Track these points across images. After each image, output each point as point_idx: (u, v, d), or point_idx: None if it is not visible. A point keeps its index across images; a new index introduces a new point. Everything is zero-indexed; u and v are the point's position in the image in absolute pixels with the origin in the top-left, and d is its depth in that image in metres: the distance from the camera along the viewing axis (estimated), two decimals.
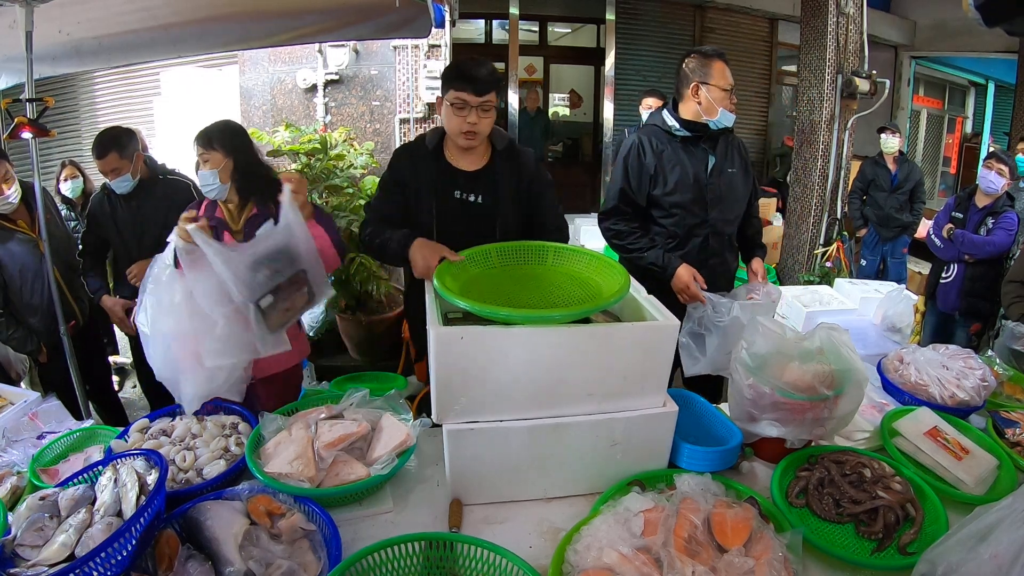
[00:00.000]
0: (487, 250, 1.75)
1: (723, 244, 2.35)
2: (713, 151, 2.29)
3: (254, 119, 4.98)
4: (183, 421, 1.69)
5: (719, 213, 2.30)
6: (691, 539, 1.13)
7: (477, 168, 2.02)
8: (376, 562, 1.15)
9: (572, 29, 8.34)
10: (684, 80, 2.25)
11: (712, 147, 2.30)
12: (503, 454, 1.39)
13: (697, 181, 2.26)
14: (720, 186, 2.29)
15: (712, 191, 2.28)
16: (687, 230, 2.29)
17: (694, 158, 2.27)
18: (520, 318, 1.34)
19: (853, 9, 5.15)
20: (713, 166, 2.28)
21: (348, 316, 4.21)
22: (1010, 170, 3.46)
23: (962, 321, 3.63)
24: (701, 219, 2.28)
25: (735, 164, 2.33)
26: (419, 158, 2.00)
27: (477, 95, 1.83)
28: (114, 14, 2.89)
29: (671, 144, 2.28)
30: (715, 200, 2.29)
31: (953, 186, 9.91)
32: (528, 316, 1.35)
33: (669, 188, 2.25)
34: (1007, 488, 1.46)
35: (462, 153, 1.99)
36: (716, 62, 2.22)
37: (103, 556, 1.06)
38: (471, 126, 1.86)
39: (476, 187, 2.00)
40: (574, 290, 1.63)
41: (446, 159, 2.01)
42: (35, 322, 2.67)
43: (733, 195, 2.33)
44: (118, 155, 2.63)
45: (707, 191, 2.27)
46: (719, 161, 2.30)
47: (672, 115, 2.28)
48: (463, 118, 1.86)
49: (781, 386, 1.45)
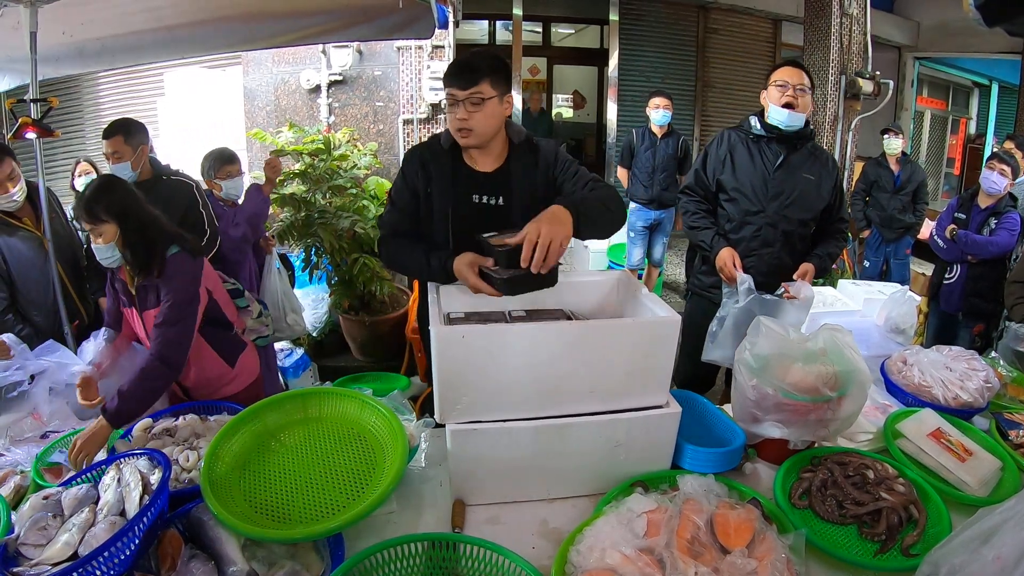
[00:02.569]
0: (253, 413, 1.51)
1: (778, 238, 2.42)
2: (786, 152, 2.41)
3: (258, 119, 4.99)
4: (186, 421, 1.69)
5: (778, 206, 2.40)
6: (694, 540, 1.13)
7: (496, 168, 1.85)
8: (379, 562, 1.15)
9: (575, 30, 8.36)
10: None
11: (787, 149, 2.41)
12: (506, 454, 1.39)
13: (761, 173, 2.42)
14: (784, 183, 2.40)
15: (774, 185, 2.40)
16: (743, 215, 2.45)
17: (764, 154, 2.43)
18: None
19: (857, 10, 5.15)
20: (781, 162, 2.40)
21: (351, 316, 4.21)
22: (1012, 170, 3.45)
23: (965, 322, 3.62)
24: (758, 208, 2.42)
25: (814, 172, 2.42)
26: (432, 159, 1.84)
27: (462, 89, 1.69)
28: (118, 15, 2.90)
29: (747, 141, 2.47)
30: (775, 194, 2.39)
31: (957, 187, 9.88)
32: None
33: (734, 175, 2.46)
34: (1010, 490, 1.46)
35: (478, 153, 1.83)
36: (780, 67, 2.43)
37: (106, 555, 1.06)
38: (461, 122, 1.72)
39: (495, 189, 1.84)
40: (352, 456, 1.43)
41: (463, 160, 1.85)
42: (39, 320, 2.68)
43: (800, 196, 2.41)
44: (122, 139, 2.64)
45: (769, 184, 2.40)
46: (791, 162, 2.41)
47: (757, 119, 2.46)
48: (454, 115, 1.73)
49: (784, 387, 1.45)
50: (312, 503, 1.29)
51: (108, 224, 1.86)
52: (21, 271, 2.60)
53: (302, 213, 3.87)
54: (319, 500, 1.29)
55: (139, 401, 1.79)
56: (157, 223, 1.96)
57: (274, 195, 3.90)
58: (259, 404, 1.50)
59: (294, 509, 1.28)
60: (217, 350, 2.13)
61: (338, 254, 3.88)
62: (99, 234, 1.86)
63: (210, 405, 1.86)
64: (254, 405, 1.50)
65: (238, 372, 2.20)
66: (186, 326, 1.92)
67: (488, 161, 1.85)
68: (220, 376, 2.15)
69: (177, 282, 1.92)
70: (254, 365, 2.32)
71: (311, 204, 3.91)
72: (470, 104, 1.70)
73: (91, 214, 1.84)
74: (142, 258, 1.91)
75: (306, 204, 3.89)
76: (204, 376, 2.11)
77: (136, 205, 1.93)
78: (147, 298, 1.95)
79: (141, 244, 1.90)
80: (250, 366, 2.28)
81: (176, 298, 1.90)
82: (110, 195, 1.89)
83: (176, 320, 1.89)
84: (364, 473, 1.36)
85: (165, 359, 1.85)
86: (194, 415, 1.75)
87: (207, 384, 2.13)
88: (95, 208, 1.85)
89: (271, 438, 1.47)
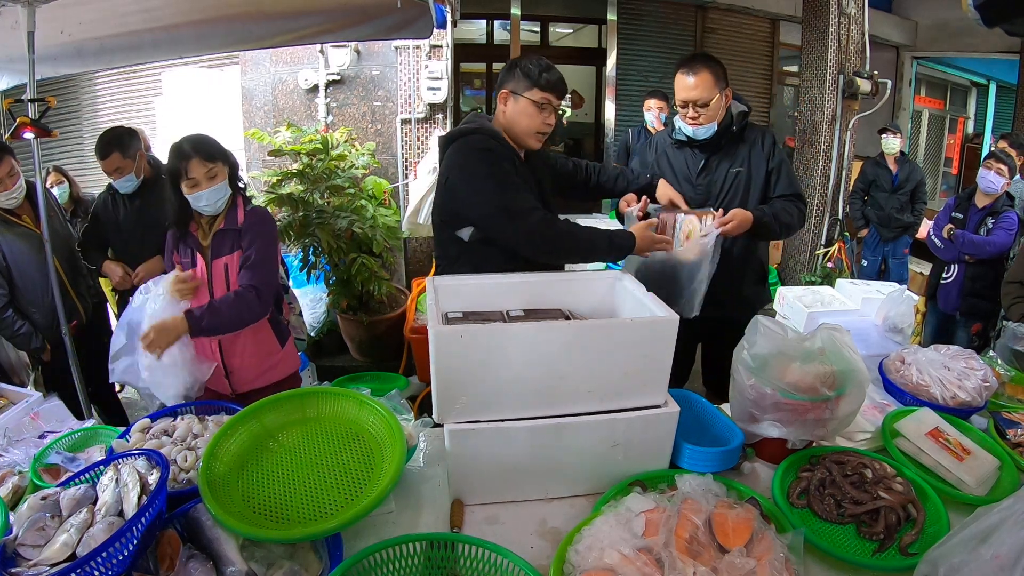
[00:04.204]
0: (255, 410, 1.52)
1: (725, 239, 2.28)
2: (708, 155, 2.32)
3: (256, 119, 4.98)
4: (185, 421, 1.69)
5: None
6: (692, 540, 1.13)
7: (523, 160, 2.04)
8: (377, 562, 1.15)
9: (574, 29, 8.34)
10: None
11: (709, 151, 2.32)
12: (504, 454, 1.39)
13: (686, 179, 2.36)
14: (711, 186, 2.32)
15: (700, 190, 2.33)
16: None
17: (687, 160, 2.37)
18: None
19: (855, 9, 5.16)
20: (702, 167, 2.33)
21: (350, 316, 4.21)
22: (1009, 170, 3.46)
23: (963, 321, 3.63)
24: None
25: (743, 163, 2.30)
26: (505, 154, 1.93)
27: (559, 98, 1.92)
28: (116, 15, 2.89)
29: (673, 146, 2.40)
30: (703, 199, 2.31)
31: (955, 187, 9.91)
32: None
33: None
34: (1008, 489, 1.46)
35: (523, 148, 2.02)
36: (676, 74, 2.24)
37: (104, 556, 1.06)
38: (548, 127, 1.93)
39: (530, 177, 2.00)
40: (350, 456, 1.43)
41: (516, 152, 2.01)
42: (37, 318, 2.68)
43: (731, 193, 2.31)
44: (120, 155, 2.65)
45: (696, 190, 2.33)
46: (713, 163, 2.32)
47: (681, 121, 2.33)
48: (543, 118, 1.92)
49: (783, 387, 1.45)
50: (310, 503, 1.29)
51: (220, 164, 1.99)
52: (20, 268, 2.61)
53: (300, 213, 3.87)
54: (317, 500, 1.29)
55: (223, 321, 1.97)
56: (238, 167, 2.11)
57: (272, 195, 3.90)
58: (257, 404, 1.50)
59: (292, 509, 1.28)
60: (271, 324, 2.17)
61: (336, 254, 3.88)
62: (214, 175, 1.97)
63: (209, 405, 1.85)
64: (252, 405, 1.50)
65: (284, 355, 2.23)
66: (273, 266, 2.08)
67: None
68: (270, 353, 2.18)
69: (265, 223, 2.08)
70: (297, 359, 2.34)
71: (309, 204, 3.90)
72: (555, 113, 1.93)
73: (209, 155, 1.96)
74: (237, 197, 2.07)
75: (304, 204, 3.89)
76: (255, 350, 2.14)
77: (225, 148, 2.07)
78: (223, 246, 2.04)
79: (235, 188, 2.06)
80: (293, 356, 2.31)
81: (265, 238, 2.05)
82: (212, 140, 2.03)
83: (268, 258, 2.04)
84: (362, 473, 1.36)
85: (260, 292, 1.99)
86: (192, 415, 1.75)
87: (256, 362, 2.16)
88: (211, 150, 1.98)
89: (269, 438, 1.47)
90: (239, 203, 2.07)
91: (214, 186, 1.97)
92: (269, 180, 4.12)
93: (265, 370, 2.18)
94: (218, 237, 2.04)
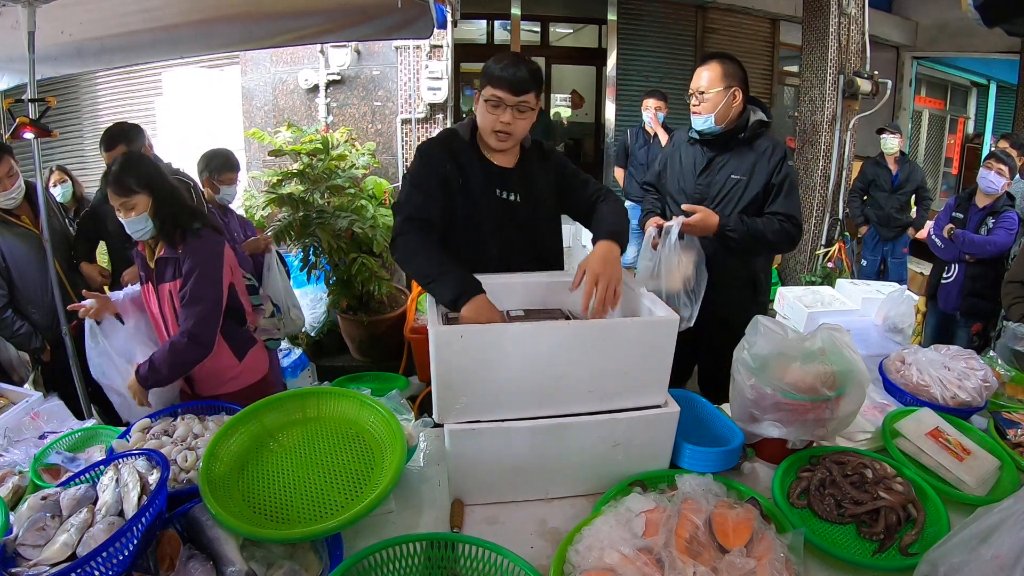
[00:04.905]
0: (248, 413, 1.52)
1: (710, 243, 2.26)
2: (714, 154, 2.31)
3: (256, 119, 4.99)
4: (185, 421, 1.69)
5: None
6: (692, 540, 1.13)
7: (511, 166, 1.89)
8: (377, 562, 1.15)
9: (574, 29, 8.35)
10: None
11: (716, 151, 2.31)
12: (505, 454, 1.39)
13: (689, 177, 2.37)
14: (709, 187, 2.31)
15: (699, 190, 2.33)
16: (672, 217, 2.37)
17: (695, 157, 2.37)
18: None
19: (855, 9, 5.16)
20: (705, 166, 2.32)
21: (350, 316, 4.21)
22: (1010, 170, 3.45)
23: (963, 321, 3.62)
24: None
25: (745, 173, 2.28)
26: (461, 151, 1.83)
27: (513, 95, 1.72)
28: (116, 15, 2.89)
29: (687, 143, 2.42)
30: (699, 199, 2.30)
31: (955, 187, 9.90)
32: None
33: (668, 178, 2.45)
34: (1009, 489, 1.46)
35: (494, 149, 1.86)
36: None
37: (105, 556, 1.06)
38: (504, 126, 1.74)
39: (514, 185, 1.87)
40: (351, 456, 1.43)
41: (483, 154, 1.86)
42: (36, 318, 2.68)
43: (724, 200, 2.29)
44: (127, 147, 2.65)
45: (694, 189, 2.34)
46: (716, 164, 2.31)
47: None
48: (496, 116, 1.74)
49: (783, 387, 1.45)
50: (311, 503, 1.29)
51: (140, 195, 1.91)
52: (19, 268, 2.61)
53: (300, 213, 3.87)
54: (318, 500, 1.29)
55: (166, 374, 1.99)
56: (180, 195, 2.04)
57: (272, 195, 3.90)
58: (257, 404, 1.50)
59: (293, 509, 1.28)
60: (226, 339, 2.14)
61: (336, 254, 3.88)
62: (132, 207, 1.90)
63: (209, 405, 1.85)
64: (252, 405, 1.50)
65: (244, 368, 2.20)
66: (214, 302, 1.99)
67: (505, 158, 1.88)
68: (226, 368, 2.15)
69: (203, 255, 1.98)
70: (262, 364, 2.31)
71: (309, 204, 3.90)
72: (517, 111, 1.74)
73: (124, 186, 1.89)
74: (170, 228, 1.97)
75: (304, 204, 3.89)
76: (210, 365, 2.10)
77: (162, 176, 1.99)
78: (165, 271, 1.99)
79: (169, 214, 1.97)
80: (258, 365, 2.28)
81: (202, 271, 1.96)
82: (139, 167, 1.95)
83: (203, 296, 1.96)
84: (363, 473, 1.36)
85: (194, 336, 1.93)
86: (192, 415, 1.75)
87: (213, 376, 2.14)
88: (127, 180, 1.89)
89: (270, 438, 1.47)
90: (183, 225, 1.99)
91: (131, 218, 1.92)
92: (269, 180, 4.12)
93: (224, 381, 2.17)
94: (160, 263, 2.00)
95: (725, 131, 2.27)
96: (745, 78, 2.26)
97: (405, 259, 1.70)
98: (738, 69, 2.24)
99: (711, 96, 2.21)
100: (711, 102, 2.22)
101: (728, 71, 2.21)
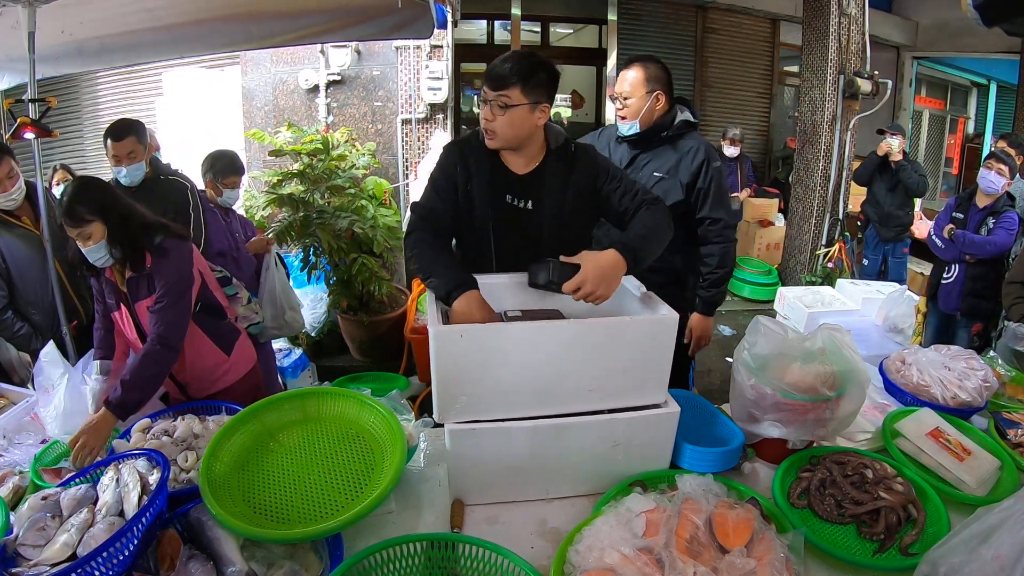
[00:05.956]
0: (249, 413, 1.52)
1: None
2: (636, 153, 2.32)
3: (256, 119, 4.98)
4: (185, 421, 1.69)
5: None
6: (693, 540, 1.13)
7: (529, 171, 1.78)
8: (378, 562, 1.15)
9: (574, 30, 8.34)
10: None
11: (639, 149, 2.32)
12: (505, 454, 1.39)
13: None
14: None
15: None
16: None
17: (621, 156, 2.36)
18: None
19: (855, 10, 5.15)
20: (627, 164, 2.32)
21: (350, 316, 4.21)
22: (1010, 170, 3.45)
23: (964, 321, 3.62)
24: None
25: (668, 171, 2.27)
26: (471, 154, 1.77)
27: (492, 89, 1.64)
28: (116, 15, 2.90)
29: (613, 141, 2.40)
30: None
31: (955, 187, 9.89)
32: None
33: None
34: (1009, 489, 1.46)
35: (511, 154, 1.77)
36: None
37: (105, 556, 1.06)
38: (484, 122, 1.68)
39: (527, 192, 1.77)
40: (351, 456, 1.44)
41: (500, 158, 1.79)
42: (37, 319, 2.68)
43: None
44: (135, 139, 2.66)
45: None
46: (638, 163, 2.31)
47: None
48: (484, 114, 1.68)
49: (783, 387, 1.45)
50: (311, 503, 1.29)
51: (94, 223, 1.84)
52: (20, 269, 2.61)
53: (300, 213, 3.86)
54: (318, 500, 1.30)
55: (142, 388, 1.81)
56: (138, 214, 1.96)
57: (272, 195, 3.90)
58: (257, 404, 1.51)
59: (293, 509, 1.28)
60: (212, 337, 2.12)
61: (336, 254, 3.88)
62: (87, 236, 1.84)
63: (209, 405, 1.86)
64: (252, 405, 1.50)
65: (235, 360, 2.19)
66: (182, 306, 1.94)
67: (521, 163, 1.79)
68: (216, 365, 2.14)
69: (169, 266, 1.93)
70: (250, 353, 2.30)
71: (309, 204, 3.90)
72: (496, 107, 1.65)
73: (75, 216, 1.82)
74: (130, 251, 1.91)
75: (304, 204, 3.88)
76: (201, 366, 2.09)
77: (115, 199, 1.92)
78: (139, 290, 1.95)
79: (127, 237, 1.90)
80: (246, 354, 2.27)
81: (170, 279, 1.91)
82: (90, 194, 1.87)
83: (172, 301, 1.91)
84: (363, 473, 1.36)
85: (164, 340, 1.87)
86: (193, 415, 1.75)
87: (204, 375, 2.12)
88: (78, 209, 1.82)
89: (270, 438, 1.47)
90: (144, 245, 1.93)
91: (88, 247, 1.87)
92: (269, 180, 4.12)
93: (216, 377, 2.15)
94: (132, 282, 1.96)
95: (647, 129, 2.28)
96: (669, 80, 2.27)
97: (411, 255, 1.69)
98: (661, 72, 2.25)
99: (634, 102, 2.24)
100: (634, 108, 2.25)
101: (650, 75, 2.23)
